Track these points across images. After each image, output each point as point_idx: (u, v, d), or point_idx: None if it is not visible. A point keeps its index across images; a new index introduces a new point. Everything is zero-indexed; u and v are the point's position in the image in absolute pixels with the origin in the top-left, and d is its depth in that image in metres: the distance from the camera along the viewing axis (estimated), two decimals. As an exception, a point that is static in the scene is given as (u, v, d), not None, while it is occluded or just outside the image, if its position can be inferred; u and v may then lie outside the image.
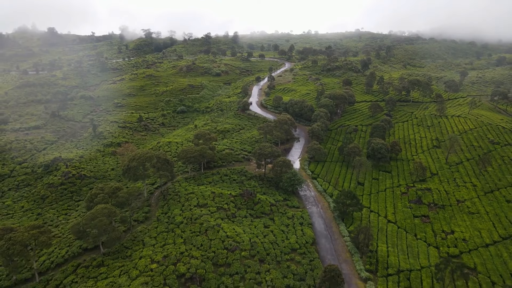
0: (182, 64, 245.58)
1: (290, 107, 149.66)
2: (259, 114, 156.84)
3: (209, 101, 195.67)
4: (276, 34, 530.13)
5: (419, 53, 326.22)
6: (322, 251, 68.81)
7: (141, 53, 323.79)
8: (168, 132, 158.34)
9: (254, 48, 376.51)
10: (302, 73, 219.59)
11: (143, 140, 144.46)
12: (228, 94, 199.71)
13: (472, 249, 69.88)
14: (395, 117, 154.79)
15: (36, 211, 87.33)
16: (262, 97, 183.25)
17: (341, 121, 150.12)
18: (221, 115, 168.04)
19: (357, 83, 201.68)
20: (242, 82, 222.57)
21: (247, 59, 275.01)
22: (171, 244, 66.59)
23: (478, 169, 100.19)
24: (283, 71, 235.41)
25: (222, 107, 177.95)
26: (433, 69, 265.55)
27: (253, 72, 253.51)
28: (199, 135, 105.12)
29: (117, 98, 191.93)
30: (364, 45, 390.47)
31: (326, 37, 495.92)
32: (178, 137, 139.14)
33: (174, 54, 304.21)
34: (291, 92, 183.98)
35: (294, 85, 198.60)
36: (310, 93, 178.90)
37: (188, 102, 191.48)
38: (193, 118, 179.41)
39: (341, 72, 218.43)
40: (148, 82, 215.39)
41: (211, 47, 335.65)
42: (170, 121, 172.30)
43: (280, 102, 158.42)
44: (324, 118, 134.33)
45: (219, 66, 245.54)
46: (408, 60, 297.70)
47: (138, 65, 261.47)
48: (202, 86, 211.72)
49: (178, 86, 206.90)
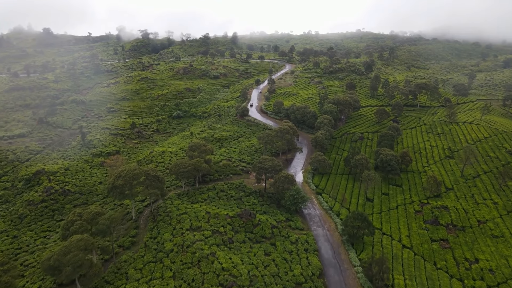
0: (179, 66, 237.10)
1: (292, 113, 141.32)
2: (259, 121, 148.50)
3: (207, 105, 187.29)
4: (276, 34, 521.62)
5: (423, 54, 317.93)
6: (331, 286, 60.42)
7: (137, 55, 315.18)
8: (162, 140, 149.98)
9: (254, 49, 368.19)
10: (303, 75, 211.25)
11: (136, 148, 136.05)
12: (226, 98, 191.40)
13: (501, 282, 61.59)
14: (402, 123, 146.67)
15: (12, 233, 78.89)
16: (262, 102, 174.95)
17: (345, 128, 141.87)
18: (218, 121, 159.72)
19: (361, 87, 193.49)
20: (241, 85, 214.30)
21: (246, 61, 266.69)
22: (158, 278, 58.18)
23: (497, 184, 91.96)
24: (283, 73, 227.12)
25: (220, 112, 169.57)
26: (438, 71, 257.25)
27: (253, 74, 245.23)
28: (194, 147, 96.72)
29: (110, 102, 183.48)
30: (365, 46, 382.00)
31: (327, 38, 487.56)
32: (173, 146, 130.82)
33: (171, 55, 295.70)
34: (292, 97, 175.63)
35: (295, 88, 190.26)
36: (312, 98, 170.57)
37: (185, 107, 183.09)
38: (189, 123, 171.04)
39: (344, 75, 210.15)
40: (143, 85, 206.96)
41: (210, 48, 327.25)
42: (165, 127, 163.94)
43: (281, 107, 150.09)
44: (328, 126, 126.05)
45: (217, 68, 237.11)
46: (412, 62, 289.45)
47: (133, 67, 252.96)
48: (200, 89, 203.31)
49: (174, 90, 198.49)
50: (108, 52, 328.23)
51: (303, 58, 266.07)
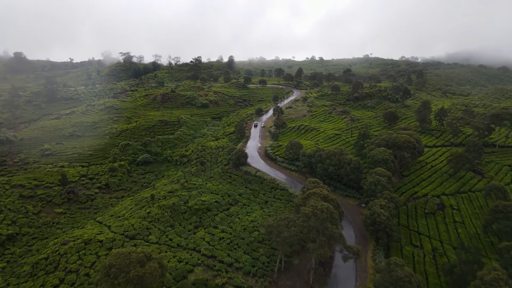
0: (157, 93, 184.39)
1: (319, 162, 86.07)
2: (263, 173, 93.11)
3: (188, 145, 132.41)
4: (277, 60, 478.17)
5: (454, 78, 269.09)
6: None
7: (115, 79, 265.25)
8: (108, 205, 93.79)
9: (253, 74, 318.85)
10: (320, 103, 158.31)
11: (51, 226, 79.41)
12: (216, 134, 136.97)
13: None
14: (487, 174, 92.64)
15: None
16: (266, 141, 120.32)
17: (406, 186, 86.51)
18: (201, 170, 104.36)
19: (400, 118, 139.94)
20: (237, 116, 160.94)
21: (244, 86, 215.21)
22: None
23: None
24: (292, 100, 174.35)
25: (205, 156, 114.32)
26: (484, 97, 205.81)
27: (252, 102, 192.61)
28: (116, 271, 39.96)
29: (50, 141, 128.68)
30: (380, 71, 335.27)
31: (332, 63, 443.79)
32: (116, 221, 74.91)
33: (154, 80, 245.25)
34: (310, 133, 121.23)
35: (313, 121, 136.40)
36: (341, 135, 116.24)
37: (156, 148, 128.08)
38: (159, 173, 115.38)
39: (374, 102, 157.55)
40: (105, 117, 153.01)
41: (201, 73, 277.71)
42: (120, 181, 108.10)
43: (299, 151, 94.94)
44: (388, 189, 70.60)
45: (207, 95, 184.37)
46: (445, 87, 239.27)
47: (102, 94, 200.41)
48: (180, 122, 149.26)
49: (145, 123, 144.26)
50: (81, 77, 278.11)
51: (315, 83, 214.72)
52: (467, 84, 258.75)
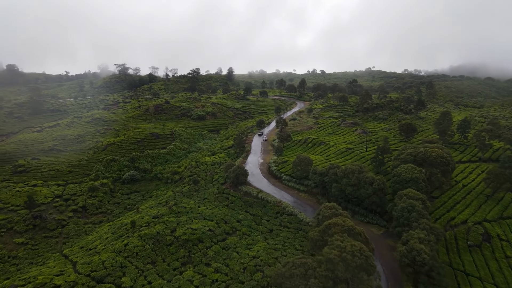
0: (150, 104, 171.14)
1: (334, 181, 71.51)
2: (267, 194, 78.50)
3: (181, 160, 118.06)
4: (277, 73, 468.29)
5: (464, 90, 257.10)
6: None
7: (109, 91, 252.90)
8: (82, 232, 78.85)
9: (253, 87, 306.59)
10: (327, 115, 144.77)
11: (7, 261, 64.30)
12: (212, 149, 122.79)
13: None
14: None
15: None
16: (269, 156, 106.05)
17: (438, 210, 71.76)
18: (194, 190, 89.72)
19: (417, 130, 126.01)
20: (236, 129, 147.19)
21: (244, 97, 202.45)
22: None
23: None
24: (296, 112, 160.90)
25: (200, 174, 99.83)
26: (500, 109, 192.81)
27: (253, 114, 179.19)
28: None
29: (26, 156, 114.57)
30: (384, 83, 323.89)
31: (334, 76, 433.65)
32: (86, 255, 60.00)
33: (149, 92, 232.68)
34: (319, 147, 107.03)
35: (320, 133, 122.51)
36: (355, 149, 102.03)
37: (145, 163, 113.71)
38: (146, 193, 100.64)
39: (386, 113, 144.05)
40: (91, 130, 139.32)
41: (199, 85, 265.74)
42: (101, 202, 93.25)
43: (309, 169, 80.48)
44: (425, 217, 56.09)
45: (204, 106, 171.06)
46: (456, 99, 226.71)
47: (92, 106, 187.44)
48: (174, 135, 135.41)
49: (134, 136, 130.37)
50: (73, 89, 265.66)
51: (319, 94, 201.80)
52: (478, 96, 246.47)
